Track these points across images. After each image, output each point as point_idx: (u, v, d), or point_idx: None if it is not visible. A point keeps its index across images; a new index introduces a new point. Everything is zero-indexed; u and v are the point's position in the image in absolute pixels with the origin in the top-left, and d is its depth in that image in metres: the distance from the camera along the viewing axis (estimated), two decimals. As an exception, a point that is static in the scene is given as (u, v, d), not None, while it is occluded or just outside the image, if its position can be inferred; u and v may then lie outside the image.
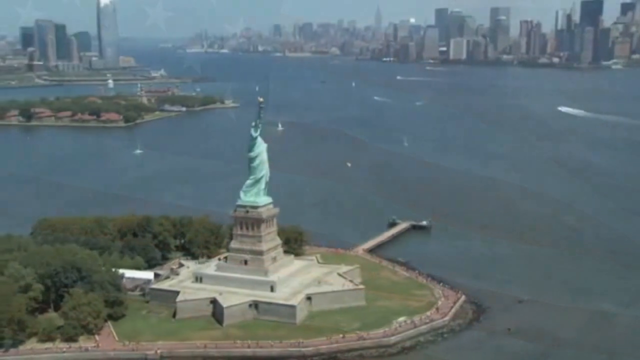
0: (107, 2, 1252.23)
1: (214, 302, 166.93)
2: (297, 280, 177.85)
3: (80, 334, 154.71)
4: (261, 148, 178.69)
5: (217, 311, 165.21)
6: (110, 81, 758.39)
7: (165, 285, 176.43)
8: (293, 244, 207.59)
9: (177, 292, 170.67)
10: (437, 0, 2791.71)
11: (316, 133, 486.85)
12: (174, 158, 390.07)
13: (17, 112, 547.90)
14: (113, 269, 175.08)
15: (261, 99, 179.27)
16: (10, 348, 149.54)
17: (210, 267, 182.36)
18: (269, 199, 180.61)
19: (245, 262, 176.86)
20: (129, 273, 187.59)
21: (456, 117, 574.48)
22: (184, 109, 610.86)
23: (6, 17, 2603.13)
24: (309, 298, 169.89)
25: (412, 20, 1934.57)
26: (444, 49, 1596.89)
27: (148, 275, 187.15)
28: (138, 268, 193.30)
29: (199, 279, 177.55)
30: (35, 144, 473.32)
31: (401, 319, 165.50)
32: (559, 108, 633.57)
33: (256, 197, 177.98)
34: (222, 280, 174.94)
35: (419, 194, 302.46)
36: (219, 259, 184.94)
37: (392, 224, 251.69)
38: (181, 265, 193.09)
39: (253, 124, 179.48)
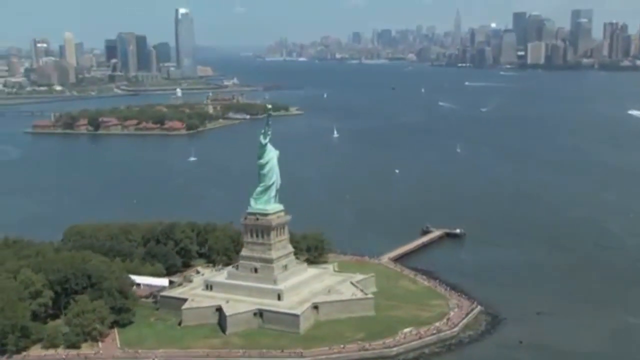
0: (185, 12, 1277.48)
1: (219, 310, 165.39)
2: (307, 288, 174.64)
3: (84, 341, 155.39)
4: (271, 155, 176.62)
5: (222, 319, 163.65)
6: (178, 90, 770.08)
7: (175, 292, 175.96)
8: (314, 251, 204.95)
9: (186, 300, 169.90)
10: (517, 4, 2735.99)
11: (371, 139, 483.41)
12: (225, 165, 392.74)
13: (86, 121, 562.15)
14: (125, 276, 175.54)
15: (269, 106, 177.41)
16: (13, 355, 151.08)
17: (221, 275, 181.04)
18: (279, 207, 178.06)
19: (255, 270, 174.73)
20: (144, 280, 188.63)
21: (519, 123, 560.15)
22: (247, 116, 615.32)
23: (96, 30, 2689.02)
24: (315, 307, 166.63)
25: (493, 25, 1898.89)
26: (522, 53, 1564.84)
27: (163, 282, 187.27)
28: (157, 275, 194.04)
29: (209, 286, 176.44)
30: (97, 152, 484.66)
31: (407, 329, 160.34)
32: (630, 112, 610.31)
33: (266, 204, 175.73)
34: (232, 288, 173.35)
35: (459, 201, 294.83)
36: (232, 267, 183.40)
37: (426, 232, 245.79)
38: (197, 272, 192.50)
39: (262, 131, 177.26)
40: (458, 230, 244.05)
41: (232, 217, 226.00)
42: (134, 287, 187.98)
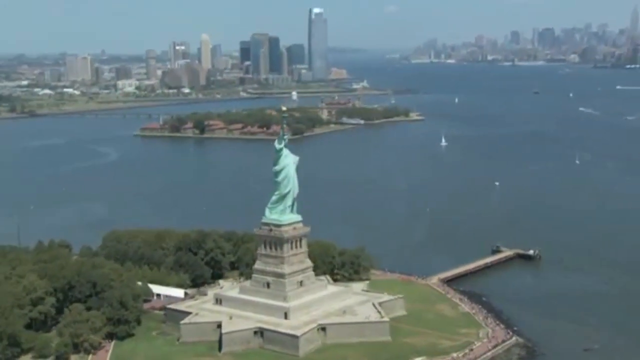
0: (319, 12, 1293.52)
1: (220, 326, 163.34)
2: (321, 308, 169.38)
3: (73, 352, 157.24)
4: (287, 161, 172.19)
5: (221, 337, 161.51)
6: (294, 93, 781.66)
7: (181, 306, 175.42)
8: (349, 268, 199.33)
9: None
10: None
11: (483, 149, 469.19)
12: (316, 173, 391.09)
13: (192, 124, 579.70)
14: (134, 286, 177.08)
15: (284, 108, 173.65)
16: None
17: (235, 289, 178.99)
18: (296, 217, 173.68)
19: (268, 285, 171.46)
20: (163, 290, 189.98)
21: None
22: (362, 122, 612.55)
23: (234, 32, 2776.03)
24: (323, 329, 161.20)
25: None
26: None
27: (179, 293, 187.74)
28: (182, 286, 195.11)
29: (218, 301, 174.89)
30: (195, 156, 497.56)
31: (418, 359, 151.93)
32: None
33: (281, 214, 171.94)
34: (240, 303, 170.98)
35: (550, 219, 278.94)
36: (246, 281, 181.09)
37: (496, 251, 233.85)
38: (219, 285, 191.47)
39: (278, 135, 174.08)
40: (531, 252, 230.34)
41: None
42: (154, 297, 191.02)
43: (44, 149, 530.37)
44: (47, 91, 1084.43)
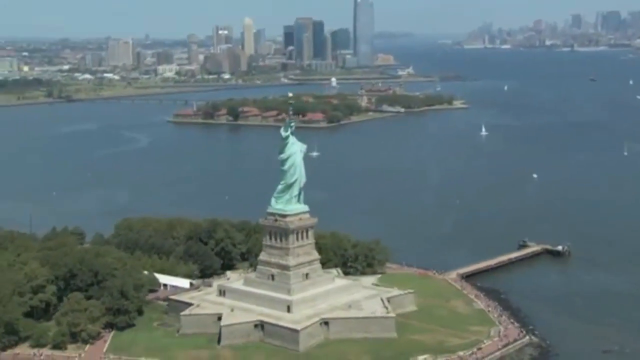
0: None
1: (221, 319, 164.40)
2: (326, 302, 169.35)
3: (71, 342, 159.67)
4: (293, 149, 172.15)
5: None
6: (333, 79, 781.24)
7: (184, 297, 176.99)
8: (362, 261, 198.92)
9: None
10: None
11: (525, 139, 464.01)
12: (347, 163, 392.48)
13: (226, 111, 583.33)
14: (138, 276, 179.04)
15: (291, 94, 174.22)
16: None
17: (238, 281, 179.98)
18: (302, 208, 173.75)
19: (272, 277, 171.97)
20: (170, 280, 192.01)
21: None
22: (402, 110, 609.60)
23: (279, 16, 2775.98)
24: (326, 323, 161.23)
25: None
26: None
27: (185, 284, 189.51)
28: (190, 277, 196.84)
29: (222, 292, 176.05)
30: (227, 143, 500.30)
31: (422, 357, 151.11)
32: None
33: (287, 204, 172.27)
34: (244, 295, 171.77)
35: (587, 212, 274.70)
36: (251, 272, 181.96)
37: (522, 246, 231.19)
38: (226, 276, 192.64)
39: (284, 122, 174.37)
40: (560, 247, 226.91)
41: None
42: (161, 287, 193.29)
43: (76, 135, 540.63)
44: (87, 76, 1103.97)
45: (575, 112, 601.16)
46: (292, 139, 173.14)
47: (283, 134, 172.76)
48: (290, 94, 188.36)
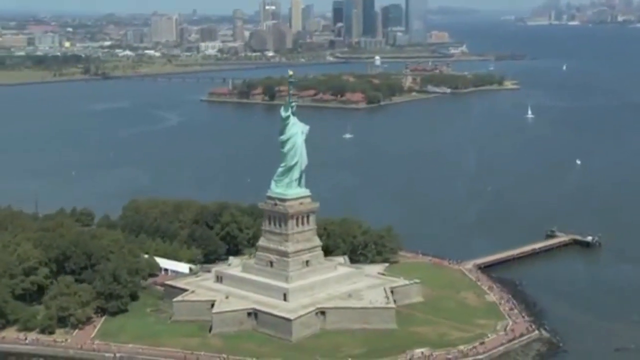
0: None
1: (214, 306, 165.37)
2: (325, 291, 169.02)
3: (59, 326, 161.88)
4: (294, 130, 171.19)
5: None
6: (377, 58, 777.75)
7: (180, 282, 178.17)
8: (372, 248, 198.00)
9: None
10: None
11: (574, 122, 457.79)
12: (381, 147, 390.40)
13: (262, 90, 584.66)
14: (135, 260, 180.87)
15: (291, 73, 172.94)
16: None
17: (237, 267, 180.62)
18: (304, 192, 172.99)
19: (271, 264, 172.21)
20: (171, 265, 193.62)
21: None
22: (448, 90, 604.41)
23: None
24: (322, 313, 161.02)
25: None
26: None
27: (185, 269, 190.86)
28: (193, 261, 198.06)
29: (219, 278, 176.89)
30: (259, 124, 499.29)
31: (419, 350, 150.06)
32: None
33: (286, 188, 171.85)
34: (241, 282, 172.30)
35: (628, 204, 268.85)
36: (250, 258, 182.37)
37: (550, 236, 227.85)
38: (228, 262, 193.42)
39: (284, 102, 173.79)
40: (590, 238, 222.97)
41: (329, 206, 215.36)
42: (162, 272, 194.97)
43: (108, 113, 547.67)
44: (127, 52, 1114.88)
45: (636, 93, 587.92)
46: (292, 120, 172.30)
47: (283, 114, 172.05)
48: (291, 72, 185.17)
